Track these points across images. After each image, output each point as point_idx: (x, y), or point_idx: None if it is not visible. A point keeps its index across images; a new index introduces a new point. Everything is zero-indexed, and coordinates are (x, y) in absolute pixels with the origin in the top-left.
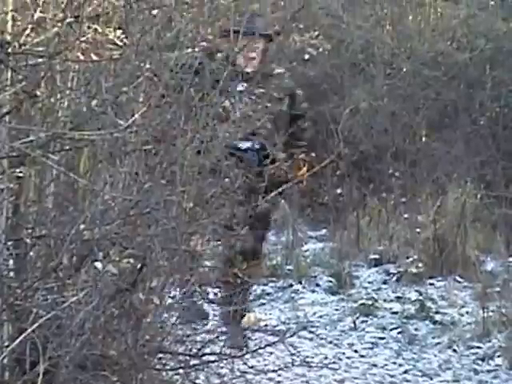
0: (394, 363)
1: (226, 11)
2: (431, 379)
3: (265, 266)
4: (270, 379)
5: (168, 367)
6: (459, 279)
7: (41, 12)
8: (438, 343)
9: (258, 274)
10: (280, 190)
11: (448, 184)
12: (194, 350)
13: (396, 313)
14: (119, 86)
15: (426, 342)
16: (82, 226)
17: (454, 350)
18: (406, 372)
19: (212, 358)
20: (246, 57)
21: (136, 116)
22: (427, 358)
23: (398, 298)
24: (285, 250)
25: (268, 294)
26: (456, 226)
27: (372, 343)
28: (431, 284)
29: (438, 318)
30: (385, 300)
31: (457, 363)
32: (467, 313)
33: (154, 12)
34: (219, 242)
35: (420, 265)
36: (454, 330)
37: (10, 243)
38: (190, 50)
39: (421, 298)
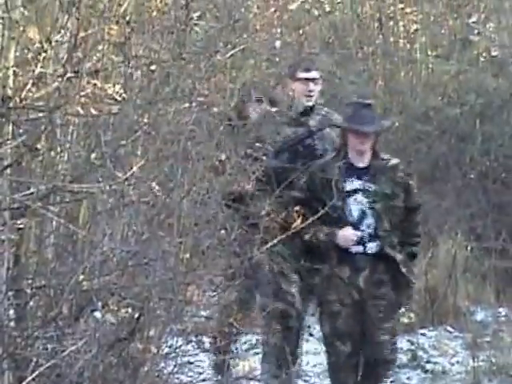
0: None
1: (222, 67)
2: None
3: (259, 316)
4: None
5: None
6: (450, 329)
7: (41, 67)
8: None
9: (253, 324)
10: (275, 241)
11: (439, 236)
12: None
13: None
14: (118, 140)
15: None
16: (82, 277)
17: None
18: None
19: None
20: (358, 150)
21: (134, 169)
22: None
23: None
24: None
25: (256, 343)
26: (447, 277)
27: None
28: (423, 334)
29: (429, 367)
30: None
31: None
32: (458, 362)
33: (153, 67)
34: (215, 293)
35: (412, 315)
36: (444, 379)
37: (10, 293)
38: (187, 104)
39: (412, 347)
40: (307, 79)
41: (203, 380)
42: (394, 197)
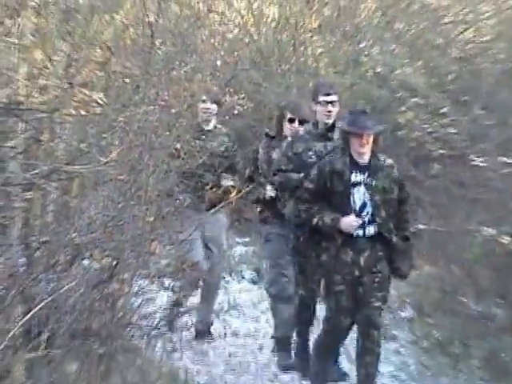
0: None
1: (178, 80)
2: None
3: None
4: (210, 346)
5: (135, 336)
6: None
7: (44, 80)
8: None
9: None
10: (216, 208)
11: None
12: (154, 324)
13: None
14: (100, 134)
15: None
16: (74, 234)
17: None
18: None
19: (166, 329)
20: (359, 151)
21: (113, 155)
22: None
23: None
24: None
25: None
26: None
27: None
28: None
29: None
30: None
31: None
32: None
33: (127, 80)
34: (172, 246)
35: None
36: None
37: (21, 247)
38: (152, 107)
39: None
40: (327, 102)
41: (164, 309)
42: (390, 191)
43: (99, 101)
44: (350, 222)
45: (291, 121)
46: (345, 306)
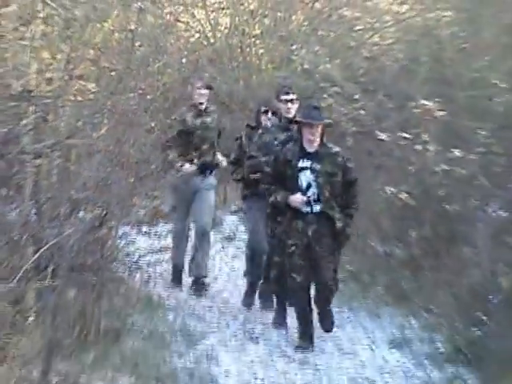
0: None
1: (152, 73)
2: None
3: (171, 213)
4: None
5: (120, 270)
6: None
7: (50, 73)
8: None
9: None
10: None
11: None
12: (134, 260)
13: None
14: (93, 114)
15: None
16: (72, 192)
17: None
18: None
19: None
20: (309, 140)
21: (102, 131)
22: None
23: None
24: None
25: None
26: None
27: (233, 256)
28: None
29: None
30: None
31: None
32: None
33: (112, 73)
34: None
35: None
36: None
37: (32, 201)
38: (132, 94)
39: None
40: (287, 100)
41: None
42: (333, 175)
43: (92, 89)
44: (296, 199)
45: (265, 112)
46: (296, 264)
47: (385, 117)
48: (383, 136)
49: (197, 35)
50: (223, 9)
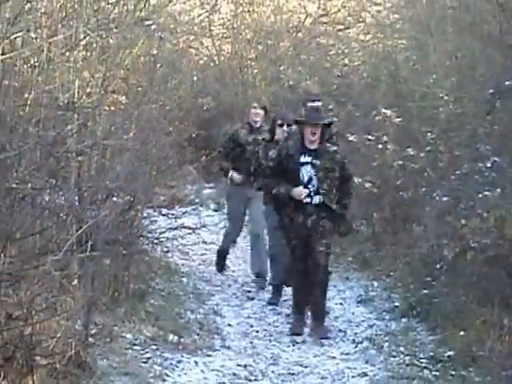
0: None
1: (170, 88)
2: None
3: (185, 199)
4: (188, 249)
5: (144, 244)
6: None
7: (89, 88)
8: None
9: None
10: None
11: None
12: (156, 236)
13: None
14: (123, 121)
15: None
16: (107, 182)
17: None
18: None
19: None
20: (310, 139)
21: (131, 134)
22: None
23: None
24: (195, 194)
25: (186, 212)
26: None
27: None
28: None
29: None
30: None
31: None
32: None
33: (139, 89)
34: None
35: None
36: None
37: (76, 189)
38: (153, 105)
39: None
40: (281, 125)
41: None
42: (332, 170)
43: (122, 101)
44: (298, 191)
45: (281, 125)
46: (298, 255)
47: (353, 123)
48: (352, 137)
49: (205, 58)
50: (226, 38)
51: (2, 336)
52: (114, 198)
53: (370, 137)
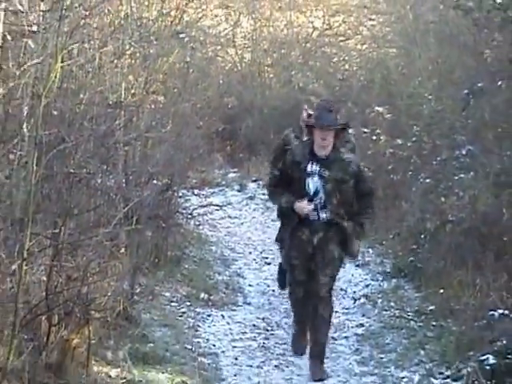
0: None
1: (201, 90)
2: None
3: (213, 181)
4: (217, 222)
5: (180, 218)
6: None
7: (134, 90)
8: None
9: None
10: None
11: None
12: (189, 212)
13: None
14: (162, 117)
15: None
16: (149, 167)
17: None
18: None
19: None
20: (320, 144)
21: (168, 127)
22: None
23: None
24: (221, 177)
25: (214, 192)
26: None
27: (254, 209)
28: None
29: None
30: (261, 194)
31: None
32: None
33: (175, 90)
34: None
35: None
36: None
37: (123, 173)
38: (187, 104)
39: None
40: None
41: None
42: (344, 182)
43: (161, 101)
44: (302, 205)
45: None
46: (299, 278)
47: (352, 118)
48: (351, 131)
49: (229, 65)
50: (246, 48)
51: (63, 294)
52: (155, 181)
53: (365, 130)
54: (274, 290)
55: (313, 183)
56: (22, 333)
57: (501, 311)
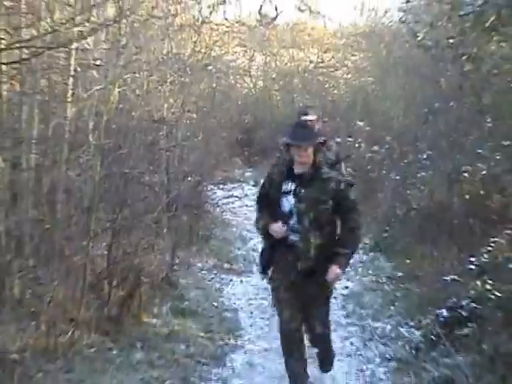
0: None
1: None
2: None
3: (234, 178)
4: (237, 211)
5: (209, 206)
6: None
7: (174, 108)
8: None
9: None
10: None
11: None
12: (216, 202)
13: None
14: (194, 130)
15: None
16: (185, 167)
17: None
18: None
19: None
20: (298, 161)
21: (199, 138)
22: None
23: None
24: (240, 175)
25: (234, 186)
26: None
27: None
28: None
29: None
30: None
31: None
32: None
33: (204, 109)
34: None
35: None
36: None
37: (164, 173)
38: (213, 120)
39: None
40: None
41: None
42: (320, 202)
43: (194, 118)
44: (275, 227)
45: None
46: (286, 317)
47: (340, 130)
48: (339, 139)
49: (246, 90)
50: (259, 77)
51: (120, 264)
52: (189, 178)
53: (350, 139)
54: None
55: (287, 203)
56: (90, 293)
57: (452, 277)
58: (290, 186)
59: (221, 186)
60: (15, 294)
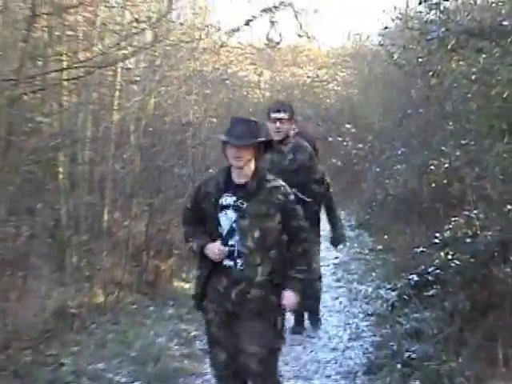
0: None
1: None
2: None
3: None
4: None
5: None
6: None
7: (198, 114)
8: None
9: None
10: None
11: None
12: None
13: None
14: (214, 131)
15: None
16: (207, 162)
17: None
18: None
19: None
20: (237, 168)
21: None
22: None
23: None
24: None
25: None
26: None
27: None
28: None
29: None
30: None
31: None
32: None
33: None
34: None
35: None
36: None
37: (193, 170)
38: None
39: None
40: (276, 118)
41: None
42: (266, 217)
43: (214, 121)
44: (212, 249)
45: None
46: (215, 336)
47: (331, 131)
48: (331, 139)
49: (256, 100)
50: (267, 89)
51: (156, 239)
52: (210, 170)
53: (339, 138)
54: None
55: (227, 219)
56: (131, 262)
57: (421, 249)
58: (228, 199)
59: None
60: (74, 262)
